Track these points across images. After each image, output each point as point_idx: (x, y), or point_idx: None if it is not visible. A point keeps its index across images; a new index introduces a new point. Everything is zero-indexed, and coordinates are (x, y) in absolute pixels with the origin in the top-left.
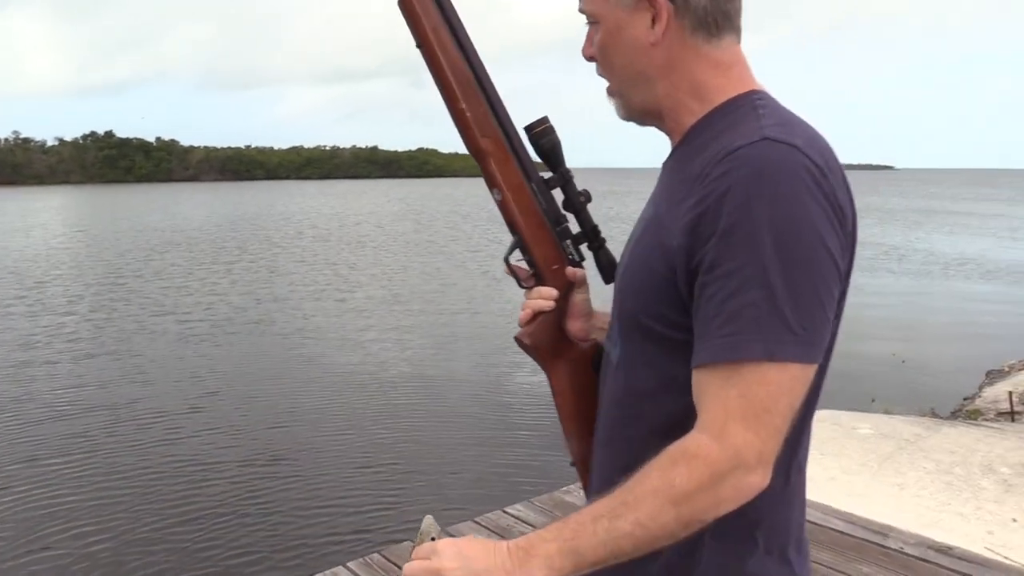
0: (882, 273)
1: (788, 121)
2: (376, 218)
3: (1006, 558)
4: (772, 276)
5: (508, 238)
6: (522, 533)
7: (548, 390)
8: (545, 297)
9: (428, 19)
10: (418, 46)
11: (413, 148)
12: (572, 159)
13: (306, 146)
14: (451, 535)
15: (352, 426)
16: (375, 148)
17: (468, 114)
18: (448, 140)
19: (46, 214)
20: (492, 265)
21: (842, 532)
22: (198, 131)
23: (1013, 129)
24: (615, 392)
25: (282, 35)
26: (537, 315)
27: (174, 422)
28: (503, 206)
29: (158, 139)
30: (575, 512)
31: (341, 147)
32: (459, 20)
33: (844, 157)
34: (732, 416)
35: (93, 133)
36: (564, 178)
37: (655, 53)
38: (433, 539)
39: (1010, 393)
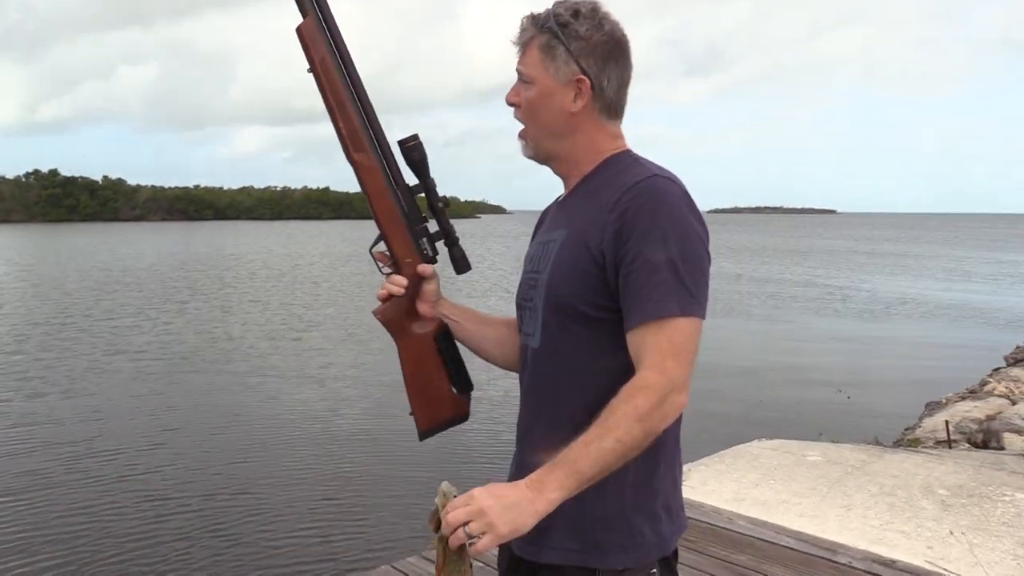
0: (828, 313)
1: (660, 167)
2: (329, 259)
3: (945, 570)
4: (676, 262)
5: (463, 278)
6: None
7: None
8: (397, 284)
9: (316, 49)
10: (308, 71)
11: None
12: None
13: (257, 186)
14: None
15: (315, 460)
16: (327, 189)
17: (344, 131)
18: None
19: None
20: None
21: (794, 549)
22: (145, 170)
23: (946, 175)
24: (540, 372)
25: (231, 76)
26: (390, 297)
27: (133, 458)
28: (370, 208)
29: (104, 178)
30: (570, 445)
31: (292, 188)
32: (346, 49)
33: (788, 201)
34: (665, 355)
35: (36, 171)
36: (427, 186)
37: (571, 119)
38: (455, 496)
39: (947, 423)
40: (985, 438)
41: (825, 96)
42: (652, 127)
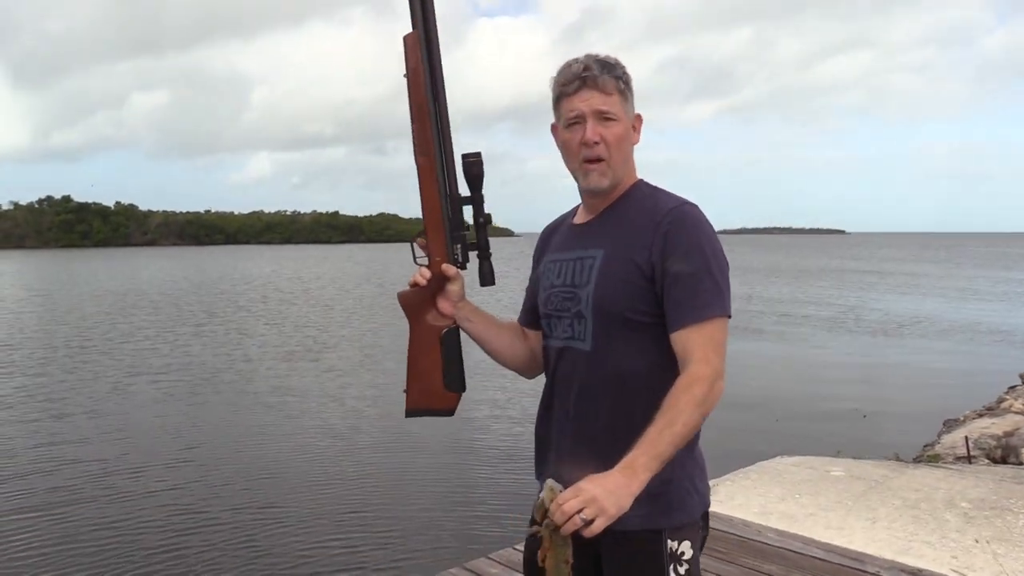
0: (841, 332)
1: (677, 195)
2: (340, 282)
3: None
4: (714, 273)
5: (474, 299)
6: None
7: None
8: (423, 276)
9: (413, 58)
10: (404, 75)
11: (374, 213)
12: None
13: (267, 211)
14: None
15: (338, 474)
16: (336, 213)
17: (416, 134)
18: (409, 205)
19: (2, 278)
20: None
21: (823, 560)
22: (157, 196)
23: (952, 195)
24: (589, 375)
25: (242, 102)
26: (415, 285)
27: (159, 474)
28: (421, 206)
29: (117, 203)
30: (645, 433)
31: (302, 212)
32: (439, 65)
33: (797, 221)
34: (709, 350)
35: (49, 197)
36: (475, 200)
37: (632, 151)
38: (561, 491)
39: (966, 438)
40: (1004, 454)
41: (830, 118)
42: (661, 151)
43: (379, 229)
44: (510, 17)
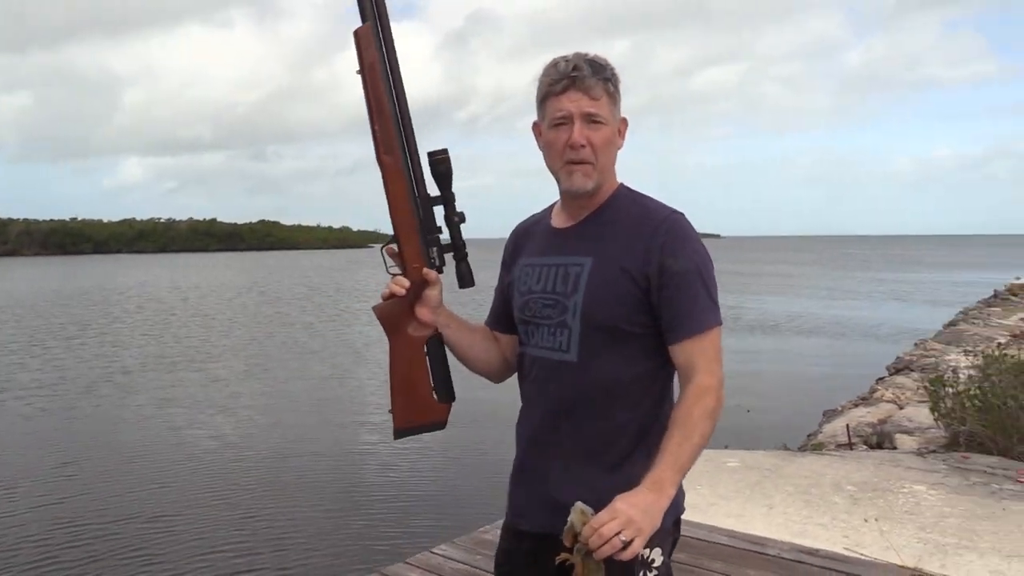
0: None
1: (663, 202)
2: (220, 291)
3: (861, 554)
4: (708, 284)
5: (357, 306)
6: (452, 569)
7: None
8: (400, 285)
9: (368, 53)
10: (358, 72)
11: (254, 220)
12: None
13: (139, 218)
14: None
15: (230, 484)
16: (214, 220)
17: (378, 133)
18: (291, 212)
19: None
20: (349, 334)
21: (727, 545)
22: (19, 203)
23: (817, 200)
24: (572, 386)
25: (111, 105)
26: (392, 296)
27: (35, 489)
28: (389, 210)
29: None
30: (664, 448)
31: (177, 219)
32: (396, 60)
33: None
34: (711, 361)
35: None
36: (447, 199)
37: (616, 155)
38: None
39: (847, 426)
40: (879, 439)
41: (707, 126)
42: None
43: (260, 236)
44: (393, 22)
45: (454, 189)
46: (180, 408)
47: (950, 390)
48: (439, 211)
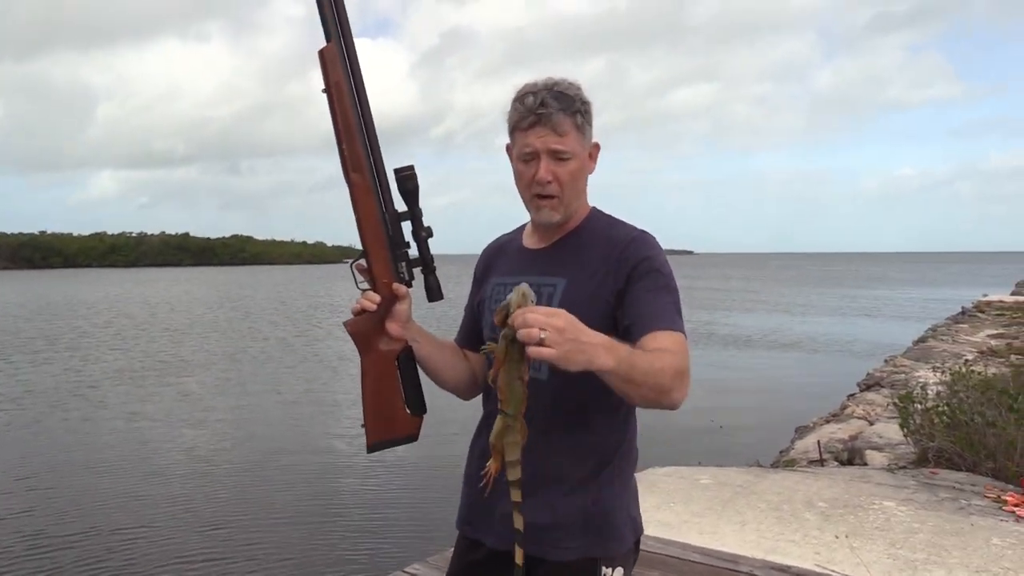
0: (695, 347)
1: (631, 224)
2: (192, 306)
3: (833, 571)
4: (676, 298)
5: (331, 321)
6: None
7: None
8: (371, 300)
9: (334, 72)
10: (323, 91)
11: (227, 235)
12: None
13: (110, 232)
14: None
15: (200, 496)
16: (187, 235)
17: (346, 151)
18: (265, 227)
19: None
20: (322, 348)
21: (701, 563)
22: None
23: (787, 217)
24: (543, 406)
25: (84, 117)
26: (362, 312)
27: None
28: (358, 227)
29: None
30: (627, 347)
31: (149, 233)
32: (361, 78)
33: None
34: (685, 358)
35: None
36: (415, 215)
37: (586, 182)
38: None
39: (818, 443)
40: (850, 456)
41: (680, 144)
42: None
43: (233, 252)
44: (369, 39)
45: (422, 205)
46: (149, 422)
47: (919, 406)
48: (407, 226)
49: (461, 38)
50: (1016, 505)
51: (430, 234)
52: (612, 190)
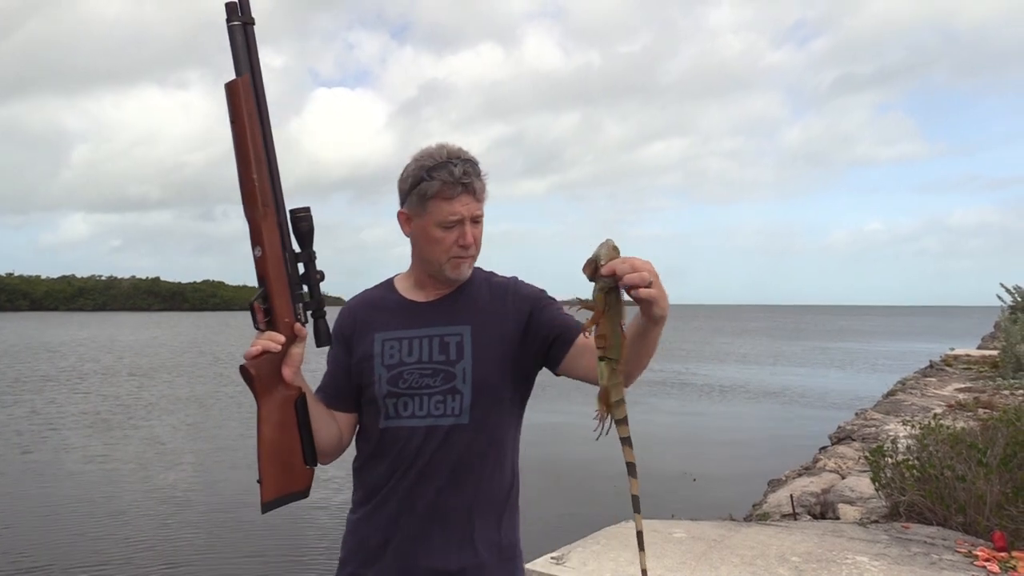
0: (665, 398)
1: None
2: (161, 351)
3: None
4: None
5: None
6: None
7: None
8: (275, 340)
9: (247, 104)
10: (231, 122)
11: (199, 280)
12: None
13: (79, 275)
14: None
15: (166, 544)
16: (157, 279)
17: (256, 185)
18: (236, 273)
19: None
20: None
21: None
22: None
23: (758, 270)
24: (465, 449)
25: (59, 160)
26: (264, 353)
27: None
28: (260, 262)
29: None
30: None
31: (119, 277)
32: (267, 117)
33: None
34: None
35: None
36: (309, 257)
37: None
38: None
39: (791, 496)
40: (823, 509)
41: (652, 198)
42: (498, 223)
43: (204, 297)
44: (348, 89)
45: (389, 253)
46: (114, 464)
47: (889, 460)
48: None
49: (438, 91)
50: (987, 560)
51: (323, 277)
52: (585, 241)
